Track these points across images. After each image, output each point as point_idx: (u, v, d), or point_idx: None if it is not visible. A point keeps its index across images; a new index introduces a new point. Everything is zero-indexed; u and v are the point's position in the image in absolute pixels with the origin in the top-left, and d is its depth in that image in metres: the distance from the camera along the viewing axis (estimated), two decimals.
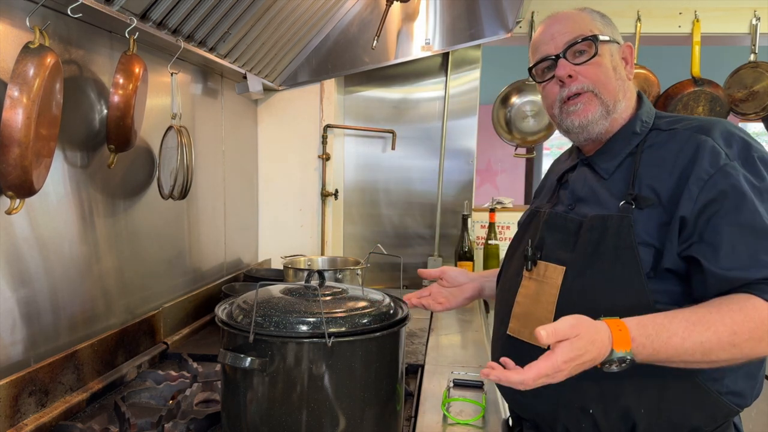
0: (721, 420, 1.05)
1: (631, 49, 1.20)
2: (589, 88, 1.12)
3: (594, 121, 1.13)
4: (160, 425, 1.28)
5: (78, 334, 1.47)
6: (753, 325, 0.91)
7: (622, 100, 1.14)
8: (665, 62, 3.27)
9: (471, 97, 2.94)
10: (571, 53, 1.13)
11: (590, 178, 1.16)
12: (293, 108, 2.80)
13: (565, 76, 1.12)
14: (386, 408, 1.18)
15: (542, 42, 1.16)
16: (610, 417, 1.05)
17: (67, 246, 1.43)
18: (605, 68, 1.12)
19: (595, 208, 1.10)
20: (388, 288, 2.76)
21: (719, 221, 0.97)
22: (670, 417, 1.03)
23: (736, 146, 1.02)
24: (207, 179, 2.22)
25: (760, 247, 0.95)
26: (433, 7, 2.66)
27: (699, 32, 2.84)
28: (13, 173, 1.12)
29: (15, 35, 1.22)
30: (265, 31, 2.19)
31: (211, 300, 2.18)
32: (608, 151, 1.15)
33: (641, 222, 1.02)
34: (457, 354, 1.78)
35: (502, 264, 1.33)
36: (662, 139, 1.10)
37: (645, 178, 1.06)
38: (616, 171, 1.12)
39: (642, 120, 1.15)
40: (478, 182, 3.10)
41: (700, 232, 0.98)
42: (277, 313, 1.11)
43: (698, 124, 1.08)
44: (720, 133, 1.04)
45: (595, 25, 1.14)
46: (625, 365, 0.91)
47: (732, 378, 1.03)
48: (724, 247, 0.96)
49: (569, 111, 1.14)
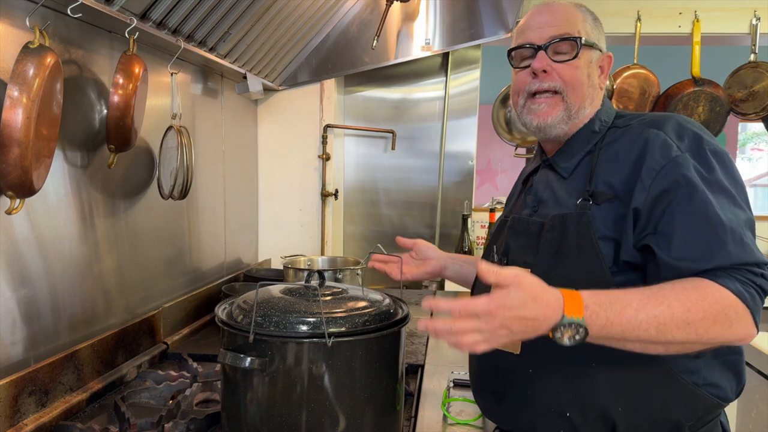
0: (702, 413, 1.04)
1: (611, 60, 1.19)
2: (559, 88, 1.12)
3: (552, 125, 1.14)
4: (160, 425, 1.28)
5: (78, 334, 1.47)
6: (706, 305, 0.90)
7: (588, 107, 1.15)
8: (665, 62, 3.27)
9: (471, 97, 2.94)
10: (552, 48, 1.12)
11: (551, 179, 1.17)
12: (293, 108, 2.81)
13: (540, 69, 1.12)
14: (386, 408, 1.18)
15: (528, 28, 1.16)
16: (589, 419, 1.04)
17: (67, 246, 1.43)
18: (580, 72, 1.12)
19: (555, 208, 1.11)
20: (388, 288, 2.77)
21: (671, 211, 0.97)
22: (649, 413, 1.02)
23: (688, 139, 1.03)
24: (207, 179, 2.22)
25: (711, 236, 0.95)
26: (433, 7, 2.67)
27: (699, 32, 2.85)
28: (13, 173, 1.12)
29: (15, 35, 1.22)
30: (265, 31, 2.19)
31: (211, 300, 2.18)
32: (568, 150, 1.16)
33: (599, 217, 1.03)
34: (457, 354, 1.78)
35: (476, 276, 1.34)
36: (617, 135, 1.11)
37: (601, 174, 1.07)
38: (576, 170, 1.13)
39: (601, 119, 1.16)
40: (478, 182, 3.10)
41: (654, 223, 0.98)
42: (277, 313, 1.11)
43: (651, 118, 1.09)
44: (672, 127, 1.05)
45: (583, 26, 1.14)
46: (578, 336, 0.88)
47: (708, 369, 1.03)
48: (677, 236, 0.96)
49: (531, 108, 1.15)
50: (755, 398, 2.00)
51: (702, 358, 1.02)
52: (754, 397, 2.00)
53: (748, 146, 8.36)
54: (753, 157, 8.42)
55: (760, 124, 3.17)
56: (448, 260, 1.50)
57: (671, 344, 0.92)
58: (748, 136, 8.34)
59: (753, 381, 1.98)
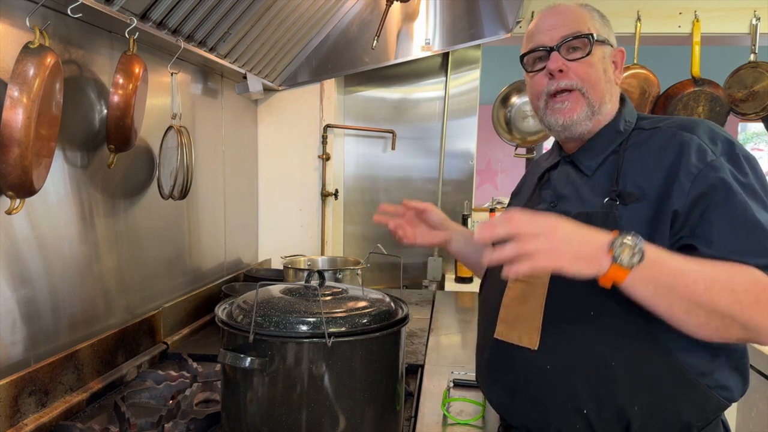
0: (710, 414, 1.05)
1: (623, 55, 1.20)
2: (577, 86, 1.12)
3: (578, 122, 1.13)
4: (160, 425, 1.28)
5: (78, 334, 1.47)
6: (750, 280, 0.91)
7: (608, 103, 1.15)
8: (665, 62, 3.27)
9: (471, 97, 2.94)
10: (565, 48, 1.12)
11: (573, 176, 1.16)
12: (293, 108, 2.81)
13: (556, 69, 1.12)
14: (386, 408, 1.18)
15: (538, 31, 1.16)
16: (604, 417, 1.04)
17: (67, 246, 1.43)
18: (596, 68, 1.13)
19: (578, 205, 1.11)
20: (388, 288, 2.77)
21: (711, 214, 0.98)
22: (662, 413, 1.03)
23: (721, 144, 1.04)
24: (207, 179, 2.22)
25: (752, 237, 0.96)
26: (433, 7, 2.67)
27: (699, 32, 2.84)
28: (13, 173, 1.12)
29: (15, 35, 1.22)
30: (265, 31, 2.20)
31: (211, 300, 2.18)
32: (591, 149, 1.16)
33: (626, 218, 1.03)
34: (457, 354, 1.78)
35: (486, 269, 1.33)
36: (645, 137, 1.11)
37: (629, 175, 1.07)
38: (599, 168, 1.13)
39: (626, 119, 1.16)
40: (478, 182, 3.10)
41: (692, 226, 0.99)
42: (277, 313, 1.11)
43: (681, 122, 1.10)
44: (704, 132, 1.06)
45: (593, 24, 1.14)
46: (636, 257, 0.87)
47: (721, 372, 1.03)
48: (716, 237, 0.97)
49: (555, 108, 1.14)
50: (755, 398, 2.00)
51: (717, 360, 1.02)
52: (754, 397, 2.00)
53: (748, 146, 8.36)
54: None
55: (760, 124, 3.17)
56: (456, 234, 1.48)
57: (715, 313, 0.91)
58: (748, 136, 8.35)
59: (753, 381, 1.97)
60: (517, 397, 1.12)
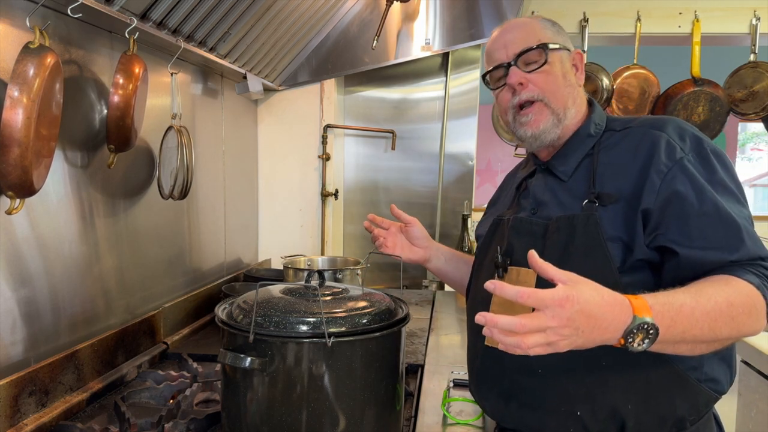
0: (702, 408, 1.07)
1: (582, 57, 1.23)
2: (539, 97, 1.15)
3: (545, 131, 1.16)
4: (160, 425, 1.28)
5: (78, 334, 1.47)
6: (743, 299, 0.92)
7: (572, 107, 1.18)
8: (665, 62, 3.27)
9: (471, 97, 2.94)
10: (522, 61, 1.15)
11: (550, 182, 1.18)
12: (293, 108, 2.81)
13: (516, 83, 1.15)
14: (386, 408, 1.18)
15: (495, 49, 1.20)
16: (599, 417, 1.05)
17: (67, 246, 1.43)
18: (555, 76, 1.15)
19: (558, 209, 1.13)
20: (388, 288, 2.77)
21: (683, 211, 1.00)
22: (656, 410, 1.04)
23: (689, 141, 1.06)
24: (207, 179, 2.22)
25: (727, 233, 0.98)
26: (433, 7, 2.67)
27: (699, 32, 2.85)
28: (13, 173, 1.12)
29: (15, 35, 1.22)
30: (265, 31, 2.20)
31: (211, 300, 2.18)
32: (565, 155, 1.18)
33: (606, 218, 1.05)
34: (457, 354, 1.78)
35: (470, 277, 1.33)
36: (617, 138, 1.14)
37: (605, 177, 1.09)
38: (575, 173, 1.15)
39: (595, 123, 1.18)
40: (478, 182, 3.10)
41: (666, 223, 1.00)
42: (277, 313, 1.11)
43: (650, 121, 1.12)
44: (673, 129, 1.08)
45: (545, 34, 1.17)
46: (648, 340, 0.84)
47: (709, 365, 1.05)
48: (693, 234, 0.98)
49: (522, 121, 1.17)
50: (755, 398, 2.00)
51: (705, 354, 1.03)
52: (754, 397, 2.00)
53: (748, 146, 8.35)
54: (753, 157, 8.41)
55: (760, 124, 3.17)
56: (435, 252, 1.49)
57: (715, 342, 0.94)
58: (748, 136, 8.34)
59: (753, 381, 1.98)
60: (511, 402, 1.12)
